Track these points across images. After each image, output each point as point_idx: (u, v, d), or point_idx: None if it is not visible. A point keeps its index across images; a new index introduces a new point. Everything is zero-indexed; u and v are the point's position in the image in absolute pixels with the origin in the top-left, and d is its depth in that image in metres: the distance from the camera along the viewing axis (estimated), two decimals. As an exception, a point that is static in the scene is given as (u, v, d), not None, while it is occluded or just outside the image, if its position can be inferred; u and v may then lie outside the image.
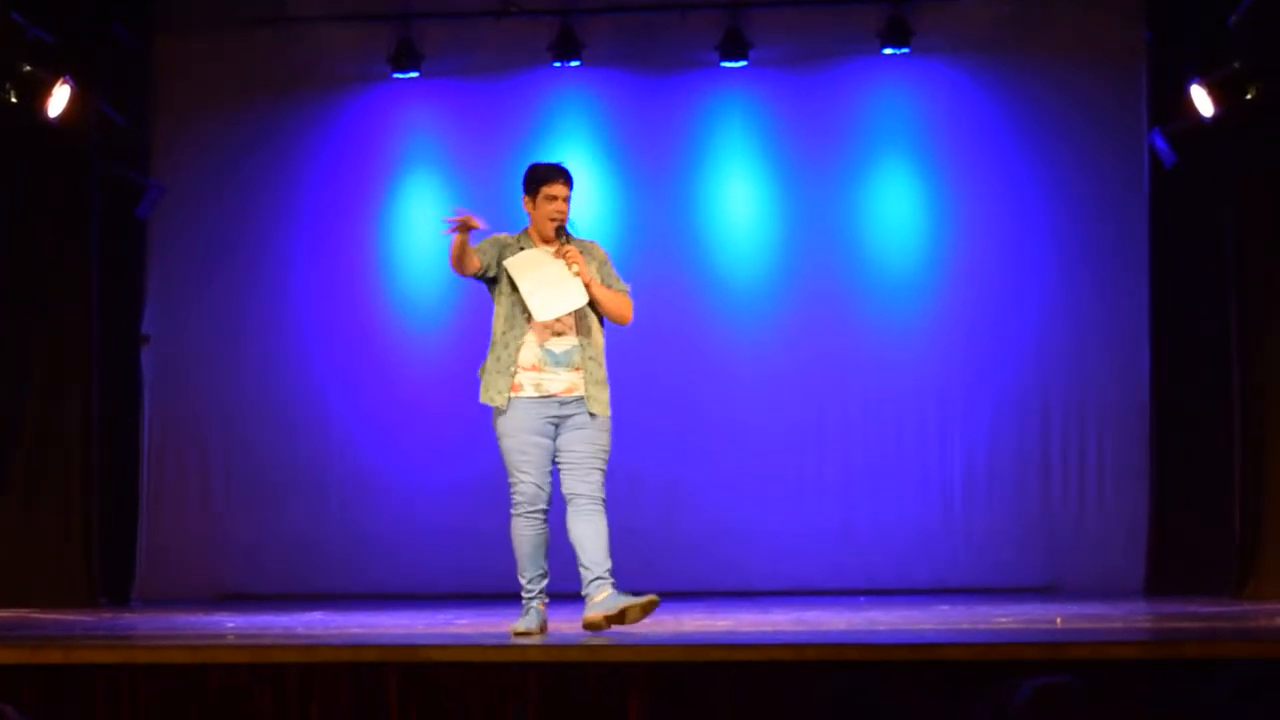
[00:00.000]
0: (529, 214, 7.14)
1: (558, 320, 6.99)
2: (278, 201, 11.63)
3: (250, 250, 11.63)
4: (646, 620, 8.50)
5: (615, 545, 11.25)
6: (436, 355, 11.50)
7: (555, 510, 7.25)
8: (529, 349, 7.04)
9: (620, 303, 7.20)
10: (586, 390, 7.10)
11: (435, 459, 11.36)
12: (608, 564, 7.11)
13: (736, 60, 11.28)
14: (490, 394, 7.10)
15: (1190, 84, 9.93)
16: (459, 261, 7.05)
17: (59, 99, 10.02)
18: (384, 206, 11.69)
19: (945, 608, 9.28)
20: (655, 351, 11.21)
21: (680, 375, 11.30)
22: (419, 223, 11.67)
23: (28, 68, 9.93)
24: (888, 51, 11.22)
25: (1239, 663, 5.19)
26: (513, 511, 7.11)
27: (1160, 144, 10.28)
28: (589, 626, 7.00)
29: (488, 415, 7.46)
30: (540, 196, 7.09)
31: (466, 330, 11.45)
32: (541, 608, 7.26)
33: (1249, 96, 9.68)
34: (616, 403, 11.59)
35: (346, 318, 11.59)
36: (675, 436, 11.22)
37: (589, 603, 7.04)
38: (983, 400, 11.21)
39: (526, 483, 7.08)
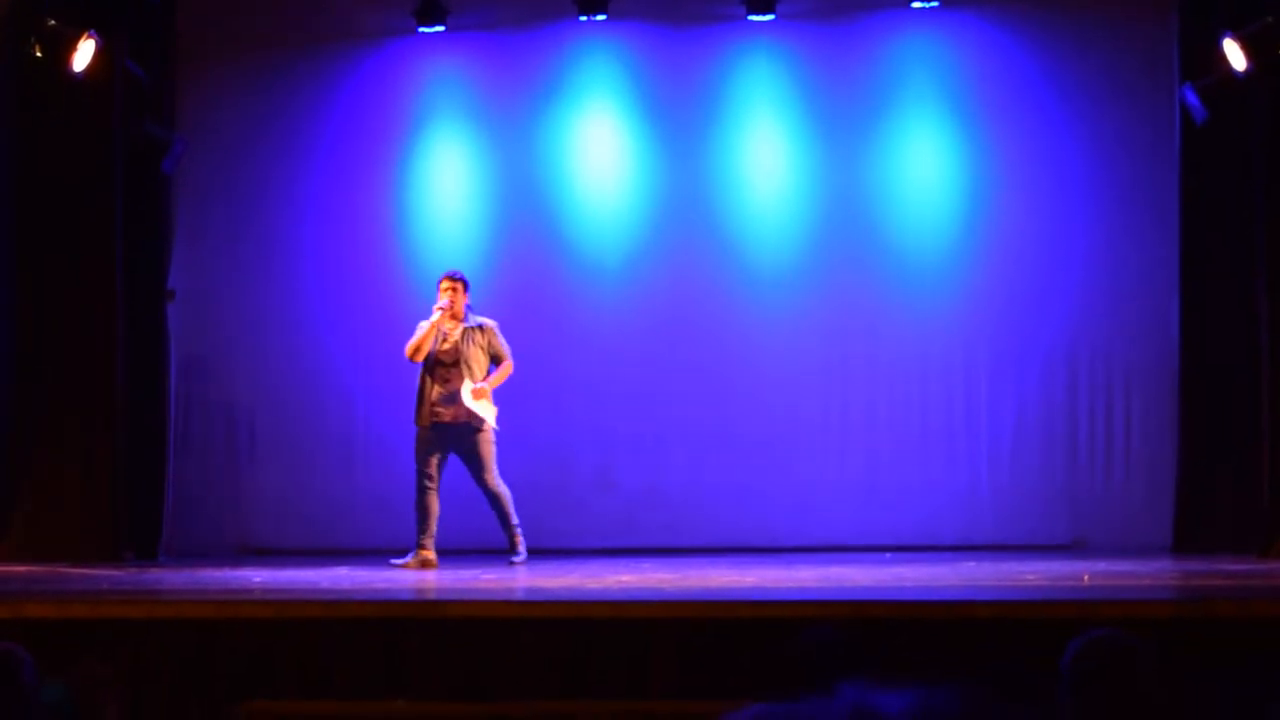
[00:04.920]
0: None
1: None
2: (303, 156, 11.60)
3: (276, 204, 11.61)
4: (672, 576, 8.51)
5: (643, 500, 11.30)
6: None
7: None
8: None
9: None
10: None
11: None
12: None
13: (764, 13, 11.18)
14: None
15: (1222, 38, 9.83)
16: (424, 349, 9.64)
17: (84, 53, 9.99)
18: (409, 161, 11.65)
19: (972, 565, 9.26)
20: (681, 309, 11.19)
21: (705, 333, 11.25)
22: (445, 177, 11.64)
23: (52, 22, 9.89)
24: (917, 4, 11.13)
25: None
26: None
27: (1192, 99, 10.17)
28: None
29: (514, 374, 9.21)
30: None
31: (493, 284, 11.45)
32: None
33: (1282, 50, 9.58)
34: (643, 364, 11.60)
35: (373, 272, 11.58)
36: (701, 395, 11.19)
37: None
38: (1010, 357, 11.15)
39: None
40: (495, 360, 9.80)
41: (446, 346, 9.68)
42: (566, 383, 11.27)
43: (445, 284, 9.72)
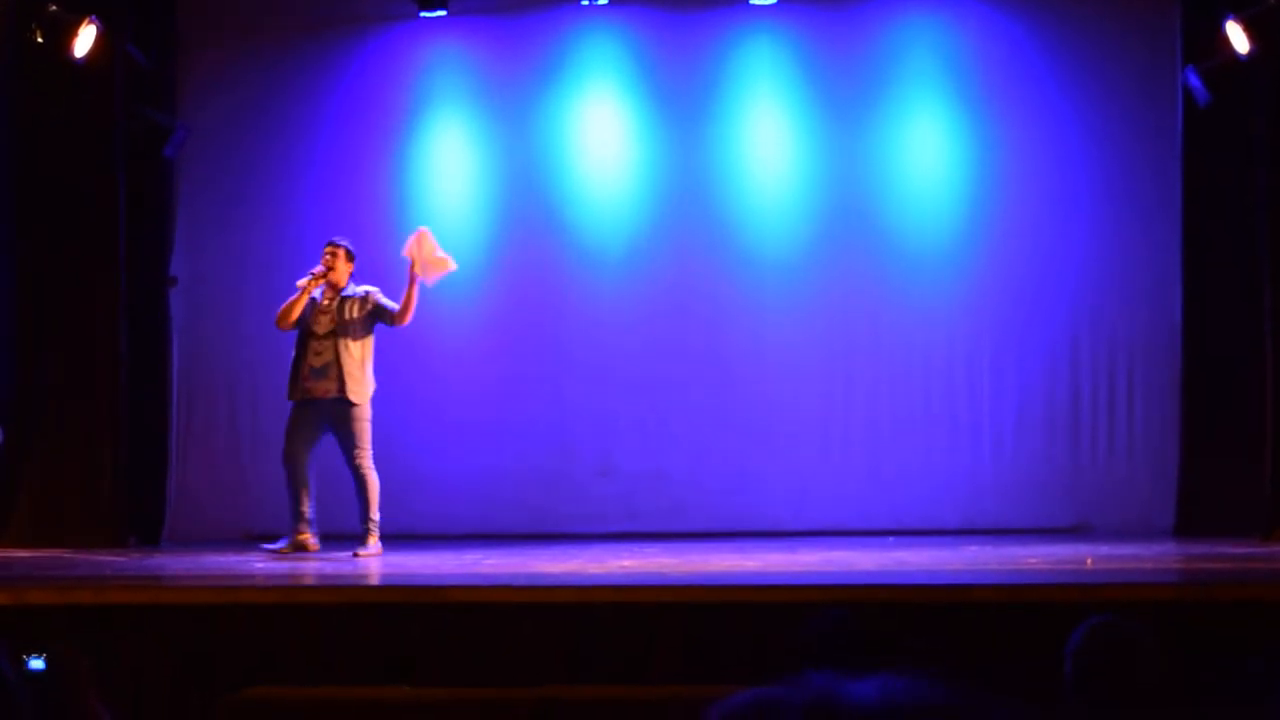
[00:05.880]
0: None
1: None
2: (305, 141, 11.57)
3: (278, 189, 11.58)
4: (674, 561, 8.51)
5: (645, 486, 11.29)
6: (463, 295, 11.46)
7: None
8: None
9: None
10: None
11: (459, 401, 11.35)
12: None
13: (766, -3, 11.18)
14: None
15: (1225, 20, 9.80)
16: (291, 315, 9.31)
17: (85, 39, 9.98)
18: (411, 146, 11.63)
19: (974, 549, 9.26)
20: (683, 294, 11.16)
21: (708, 318, 11.23)
22: (447, 162, 11.62)
23: (53, 7, 9.88)
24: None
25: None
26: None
27: (1194, 82, 10.15)
28: None
29: (512, 356, 8.55)
30: None
31: (495, 269, 11.44)
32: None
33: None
34: (645, 349, 11.57)
35: (375, 258, 11.55)
36: (703, 380, 11.17)
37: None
38: (1012, 341, 11.13)
39: None
40: (385, 318, 9.35)
41: (323, 318, 9.29)
42: (568, 368, 11.26)
43: (326, 250, 9.36)
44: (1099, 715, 3.74)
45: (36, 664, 4.24)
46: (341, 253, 9.35)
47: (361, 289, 9.39)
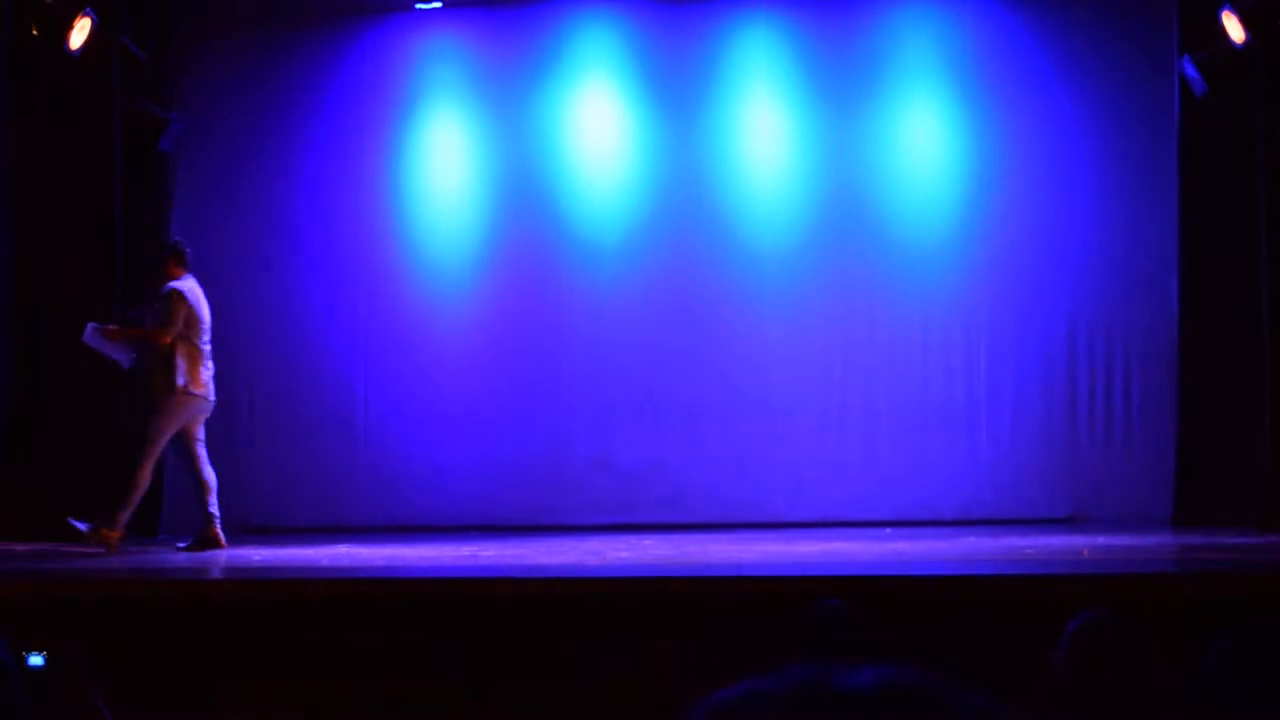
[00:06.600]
0: None
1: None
2: (301, 133, 11.57)
3: (274, 182, 11.58)
4: (672, 552, 8.51)
5: (642, 477, 11.28)
6: (461, 286, 11.47)
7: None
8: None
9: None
10: None
11: (457, 393, 11.34)
12: None
13: (763, -13, 11.17)
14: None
15: (1221, 10, 9.80)
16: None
17: (80, 32, 9.97)
18: (407, 137, 11.62)
19: (972, 540, 9.26)
20: (680, 286, 11.16)
21: (705, 310, 11.23)
22: (443, 153, 11.62)
23: (48, 0, 9.88)
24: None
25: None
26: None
27: (1191, 72, 10.14)
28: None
29: (509, 348, 7.59)
30: None
31: (491, 261, 11.44)
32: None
33: (1280, 22, 9.56)
34: (643, 341, 11.58)
35: (371, 250, 11.56)
36: (700, 371, 11.17)
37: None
38: (1010, 332, 11.13)
39: None
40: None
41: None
42: (565, 360, 11.26)
43: None
44: (1090, 708, 3.74)
45: (36, 659, 4.24)
46: (163, 257, 9.59)
47: (177, 285, 9.46)
